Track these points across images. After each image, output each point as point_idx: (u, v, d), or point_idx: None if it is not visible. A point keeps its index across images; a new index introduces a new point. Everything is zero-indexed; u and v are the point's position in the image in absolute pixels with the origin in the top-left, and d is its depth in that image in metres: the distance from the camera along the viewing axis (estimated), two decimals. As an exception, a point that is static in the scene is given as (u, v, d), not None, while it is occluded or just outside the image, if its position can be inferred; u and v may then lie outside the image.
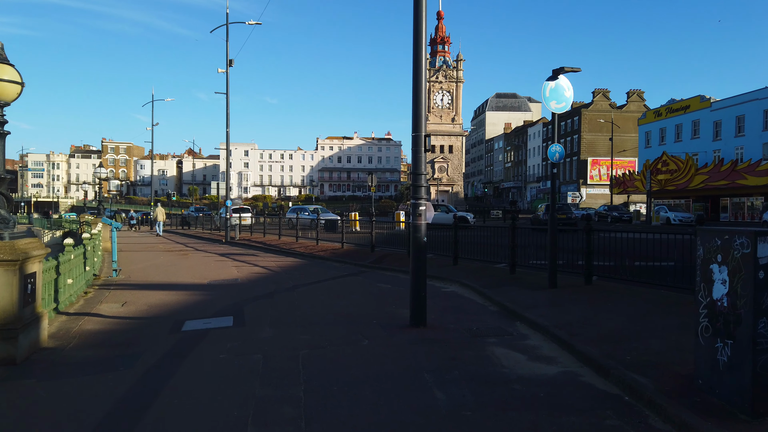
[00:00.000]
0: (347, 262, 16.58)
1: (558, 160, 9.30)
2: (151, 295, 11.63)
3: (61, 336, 8.02)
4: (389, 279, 13.34)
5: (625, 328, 6.77)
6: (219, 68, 26.75)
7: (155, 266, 17.35)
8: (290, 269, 15.87)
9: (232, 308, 9.90)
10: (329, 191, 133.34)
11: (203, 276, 14.56)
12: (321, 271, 15.34)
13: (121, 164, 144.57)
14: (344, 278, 13.74)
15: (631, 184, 56.19)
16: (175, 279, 14.28)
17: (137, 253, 22.20)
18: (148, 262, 18.87)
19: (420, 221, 7.58)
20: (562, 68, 8.99)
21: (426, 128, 7.65)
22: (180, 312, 9.74)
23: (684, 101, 55.58)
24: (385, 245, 17.91)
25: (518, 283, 10.59)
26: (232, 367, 6.08)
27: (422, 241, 7.61)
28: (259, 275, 14.73)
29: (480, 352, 6.34)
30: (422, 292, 7.59)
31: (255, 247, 23.82)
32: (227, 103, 26.65)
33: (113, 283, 13.88)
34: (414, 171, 7.62)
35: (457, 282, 11.58)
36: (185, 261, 18.70)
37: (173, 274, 15.17)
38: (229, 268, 16.37)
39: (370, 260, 16.11)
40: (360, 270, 15.20)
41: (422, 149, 7.55)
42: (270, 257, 19.47)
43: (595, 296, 8.79)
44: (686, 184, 48.24)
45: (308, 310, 9.54)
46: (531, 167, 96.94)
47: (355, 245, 19.38)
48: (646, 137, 62.20)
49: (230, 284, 13.11)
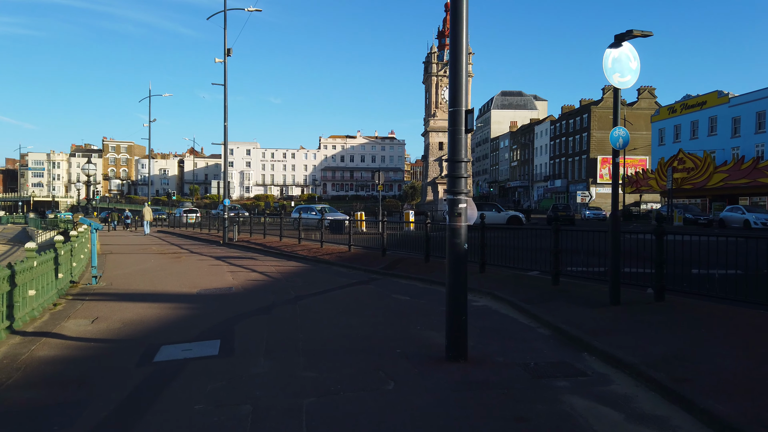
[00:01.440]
0: (356, 267, 14.82)
1: (621, 147, 7.52)
2: (129, 309, 9.90)
3: (3, 367, 6.29)
4: (405, 289, 11.58)
5: (755, 371, 4.97)
6: (216, 58, 25.03)
7: (142, 271, 15.63)
8: (292, 275, 14.12)
9: (221, 327, 8.16)
10: (332, 191, 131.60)
11: (193, 284, 12.83)
12: (327, 277, 13.59)
13: (122, 163, 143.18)
14: (354, 287, 11.98)
15: (644, 183, 54.28)
16: (161, 287, 12.55)
17: (127, 256, 20.49)
18: (137, 266, 17.16)
19: (459, 223, 5.81)
20: (630, 32, 7.21)
21: (468, 102, 5.89)
22: (158, 332, 8.01)
23: (700, 97, 53.60)
24: (397, 248, 16.12)
25: (566, 296, 8.78)
26: (209, 430, 4.33)
27: (462, 250, 5.84)
28: (257, 283, 12.99)
29: (554, 407, 4.55)
30: (462, 314, 5.82)
31: (254, 249, 22.08)
32: (225, 94, 24.92)
33: (91, 291, 12.16)
34: (451, 157, 5.85)
35: (488, 294, 9.80)
36: (177, 265, 16.97)
37: (160, 281, 13.43)
38: (224, 274, 14.63)
39: (382, 266, 14.34)
40: (371, 277, 13.44)
41: (462, 128, 5.79)
42: (270, 261, 17.73)
43: (677, 318, 6.97)
44: (704, 182, 46.33)
45: (313, 330, 7.79)
46: (538, 166, 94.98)
47: (363, 248, 17.62)
48: (660, 134, 60.27)
49: (223, 294, 11.36)
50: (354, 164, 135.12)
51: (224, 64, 24.97)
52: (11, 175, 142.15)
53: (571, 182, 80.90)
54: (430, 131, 58.32)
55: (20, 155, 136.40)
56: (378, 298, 10.53)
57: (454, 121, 5.80)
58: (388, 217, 25.69)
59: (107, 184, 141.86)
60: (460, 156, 5.81)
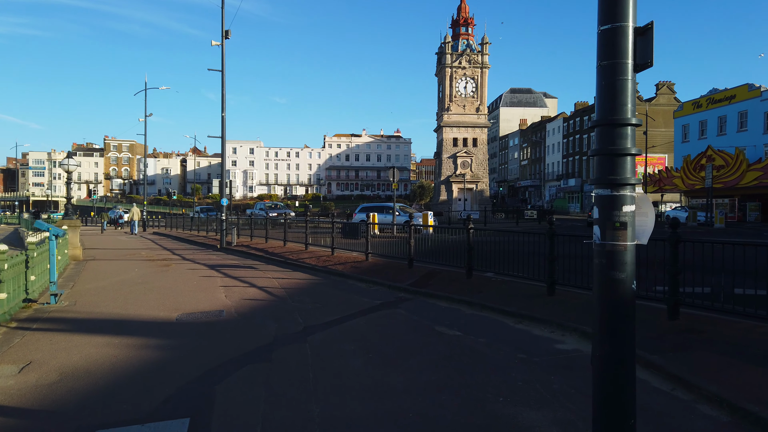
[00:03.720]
0: (377, 282, 12.07)
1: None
2: (79, 347, 7.23)
3: None
4: (449, 316, 8.83)
5: None
6: (213, 41, 22.33)
7: (120, 284, 12.96)
8: (299, 293, 11.41)
9: (197, 389, 5.46)
10: (337, 190, 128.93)
11: (176, 305, 10.13)
12: (342, 296, 10.87)
13: (123, 162, 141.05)
14: (380, 313, 9.24)
15: (668, 182, 51.32)
16: (134, 310, 9.85)
17: (110, 264, 17.84)
18: (116, 276, 14.49)
19: (623, 241, 3.06)
20: None
21: (632, 16, 3.12)
22: (104, 396, 5.32)
23: (728, 90, 50.56)
24: (426, 258, 13.28)
25: (704, 341, 5.99)
26: None
27: (629, 292, 3.09)
28: (255, 303, 10.28)
29: None
30: (629, 417, 3.07)
31: (254, 255, 19.38)
32: (222, 80, 22.19)
33: (44, 315, 9.49)
34: (606, 117, 3.10)
35: (573, 330, 7.05)
36: (162, 277, 14.28)
37: (135, 301, 10.73)
38: (216, 289, 11.93)
39: (410, 281, 11.59)
40: (398, 296, 10.71)
41: (628, 62, 3.05)
42: (272, 272, 15.01)
43: None
44: (736, 181, 43.33)
45: (335, 399, 5.07)
46: (550, 165, 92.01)
47: (382, 257, 14.87)
48: (683, 131, 57.26)
49: (210, 323, 8.65)
50: (359, 163, 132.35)
51: (222, 47, 22.29)
52: (11, 174, 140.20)
53: (586, 181, 77.91)
54: (444, 126, 55.37)
55: (21, 154, 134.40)
56: (417, 333, 7.79)
57: (613, 48, 3.06)
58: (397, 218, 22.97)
59: (109, 183, 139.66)
60: (623, 113, 3.06)
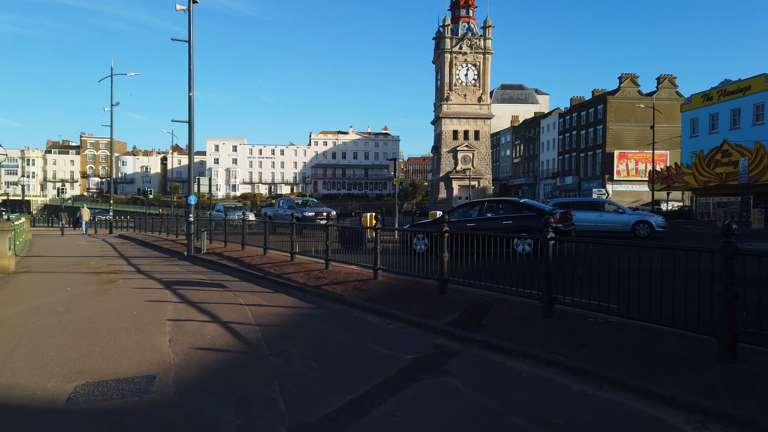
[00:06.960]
0: (397, 316, 8.22)
1: None
2: None
3: None
4: (547, 399, 5.09)
5: None
6: (178, 5, 18.35)
7: (31, 314, 9.03)
8: (281, 335, 7.60)
9: None
10: (323, 189, 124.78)
11: (84, 362, 6.26)
12: (349, 342, 7.07)
13: (101, 160, 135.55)
14: (421, 387, 5.43)
15: (678, 179, 48.10)
16: (11, 373, 5.95)
17: (44, 277, 13.88)
18: (36, 299, 10.58)
19: None
20: None
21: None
22: None
23: (742, 81, 47.56)
24: (465, 277, 9.25)
25: None
26: None
27: None
28: (211, 360, 6.43)
29: None
30: None
31: (226, 267, 15.47)
32: (189, 52, 18.22)
33: None
34: None
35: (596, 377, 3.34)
36: (96, 301, 10.34)
37: (30, 349, 6.81)
38: (159, 326, 8.06)
39: (450, 316, 7.77)
40: (437, 344, 6.92)
41: None
42: (246, 293, 11.15)
43: None
44: (757, 177, 40.22)
45: None
46: (544, 162, 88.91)
47: (396, 274, 11.02)
48: (692, 125, 54.19)
49: (122, 410, 4.77)
50: (346, 161, 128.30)
51: (189, 13, 18.33)
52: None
53: (584, 179, 74.88)
54: (443, 117, 51.33)
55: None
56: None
57: None
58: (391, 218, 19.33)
59: (85, 182, 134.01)
60: None
